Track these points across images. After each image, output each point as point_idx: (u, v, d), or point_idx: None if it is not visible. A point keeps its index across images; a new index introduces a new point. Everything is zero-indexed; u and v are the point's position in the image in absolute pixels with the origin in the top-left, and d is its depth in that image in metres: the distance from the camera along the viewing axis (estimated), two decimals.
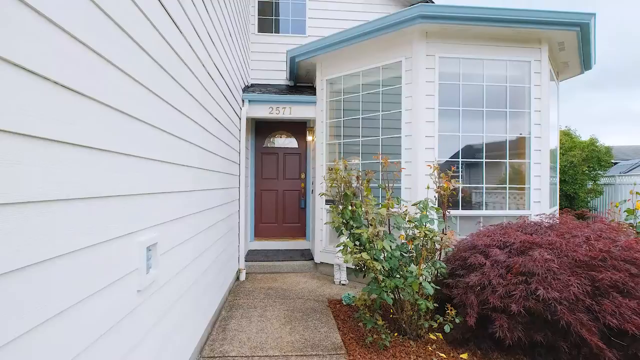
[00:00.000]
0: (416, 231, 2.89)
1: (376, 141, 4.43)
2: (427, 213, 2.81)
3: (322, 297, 3.95)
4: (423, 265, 2.56)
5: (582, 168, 10.17)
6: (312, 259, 5.17)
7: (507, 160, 4.14)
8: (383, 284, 2.62)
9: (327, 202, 4.83)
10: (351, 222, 3.06)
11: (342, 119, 4.78)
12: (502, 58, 4.11)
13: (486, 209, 4.10)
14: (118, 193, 1.31)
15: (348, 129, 4.74)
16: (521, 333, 2.38)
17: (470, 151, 4.14)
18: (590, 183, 10.54)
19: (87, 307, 1.11)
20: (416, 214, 3.12)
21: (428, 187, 2.94)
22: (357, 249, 2.63)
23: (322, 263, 4.93)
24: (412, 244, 2.63)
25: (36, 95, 0.90)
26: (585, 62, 4.81)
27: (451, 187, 2.92)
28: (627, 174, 11.32)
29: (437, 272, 2.83)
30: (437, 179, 3.09)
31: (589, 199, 10.60)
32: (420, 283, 2.50)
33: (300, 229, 6.21)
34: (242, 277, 4.60)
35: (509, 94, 4.14)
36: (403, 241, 3.04)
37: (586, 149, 10.51)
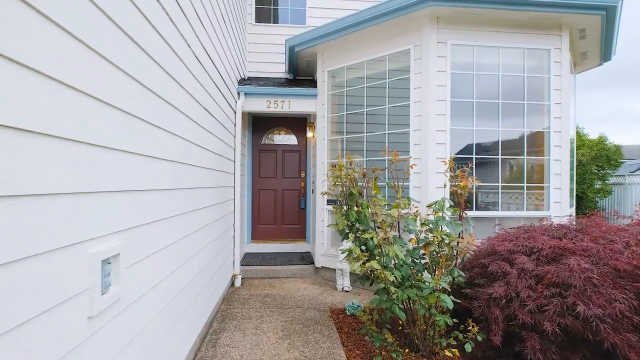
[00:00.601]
0: (430, 235, 2.57)
1: (382, 137, 4.10)
2: (443, 215, 2.48)
3: (324, 306, 3.62)
4: (440, 275, 2.23)
5: (591, 167, 9.85)
6: (313, 262, 4.84)
7: (525, 157, 3.81)
8: (394, 296, 2.29)
9: (328, 202, 4.51)
10: (357, 225, 2.73)
11: (344, 113, 4.46)
12: (520, 46, 3.78)
13: (502, 210, 3.77)
14: (57, 191, 0.98)
15: (351, 125, 4.41)
16: (555, 355, 2.05)
17: (484, 147, 3.81)
18: (599, 182, 10.22)
19: None
20: (428, 215, 2.79)
21: (445, 185, 2.62)
22: (364, 255, 2.30)
23: (323, 267, 4.60)
24: (428, 251, 2.31)
25: None
26: (605, 52, 4.48)
27: (470, 186, 2.59)
28: (635, 172, 11.01)
29: (454, 281, 2.50)
30: (452, 177, 2.77)
31: (597, 199, 10.28)
32: (439, 296, 2.18)
33: (300, 231, 5.89)
34: (238, 282, 4.27)
35: (527, 85, 3.82)
36: (414, 246, 2.71)
37: (595, 147, 10.19)
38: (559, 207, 3.78)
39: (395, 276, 2.18)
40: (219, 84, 3.40)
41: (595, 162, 10.07)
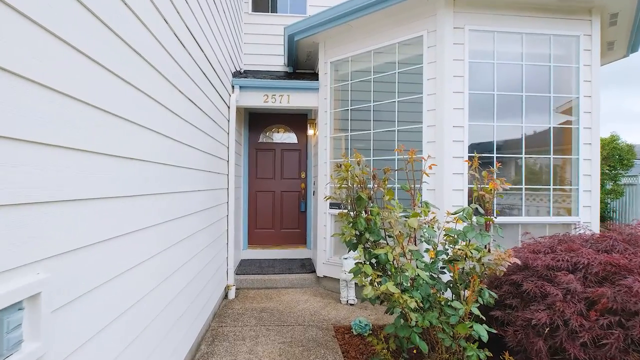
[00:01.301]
0: (453, 247, 2.17)
1: (390, 135, 3.71)
2: (472, 224, 2.09)
3: (327, 323, 3.23)
4: (472, 299, 1.84)
5: (603, 167, 9.45)
6: (314, 271, 4.45)
7: (552, 156, 3.41)
8: (413, 322, 1.90)
9: (331, 205, 4.12)
10: (367, 235, 2.34)
11: (349, 108, 4.07)
12: (545, 32, 3.39)
13: (526, 215, 3.38)
14: None
15: (357, 121, 4.02)
16: None
17: (505, 145, 3.42)
18: (610, 183, 9.83)
19: None
20: (447, 222, 2.40)
21: (476, 189, 2.22)
22: (377, 275, 1.90)
23: (325, 277, 4.21)
24: (457, 270, 1.91)
25: None
26: (635, 41, 4.08)
27: (500, 189, 2.20)
28: None
29: (484, 302, 2.11)
30: (477, 179, 2.37)
31: (608, 200, 9.89)
32: (471, 326, 1.78)
33: (300, 236, 5.49)
34: (231, 294, 3.88)
35: (553, 76, 3.42)
36: (432, 259, 2.32)
37: (607, 146, 9.79)
38: (589, 212, 3.38)
39: (416, 301, 1.79)
40: (209, 75, 3.01)
41: (607, 162, 9.68)
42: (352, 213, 2.53)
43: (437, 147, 3.29)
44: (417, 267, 1.85)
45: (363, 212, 2.51)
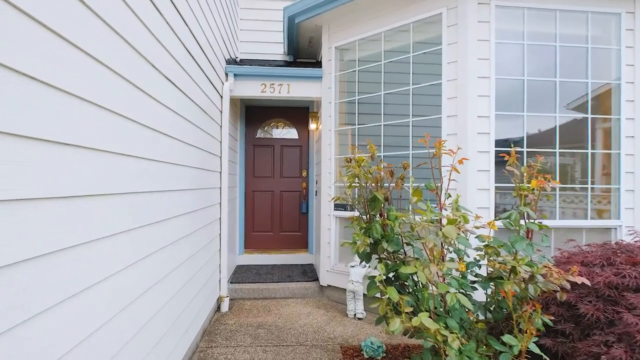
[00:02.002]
0: (493, 259, 1.75)
1: (403, 129, 3.28)
2: (520, 233, 1.67)
3: (333, 342, 2.81)
4: (530, 332, 1.41)
5: None
6: (317, 279, 4.03)
7: (589, 151, 2.99)
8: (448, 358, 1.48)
9: (337, 206, 3.70)
10: (384, 244, 1.92)
11: (356, 98, 3.64)
12: (582, 9, 2.97)
13: (560, 218, 2.95)
14: None
15: (364, 114, 3.60)
16: None
17: (535, 138, 2.99)
18: None
19: None
20: (476, 228, 1.97)
21: (517, 188, 1.79)
22: (404, 298, 1.48)
23: (329, 286, 3.79)
24: (510, 293, 1.48)
25: None
26: None
27: (548, 188, 1.78)
28: None
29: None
30: (517, 176, 1.95)
31: None
32: None
33: (301, 239, 5.07)
34: (225, 307, 3.46)
35: (591, 59, 3.00)
36: (461, 272, 1.90)
37: None
38: (632, 215, 2.96)
39: (458, 336, 1.36)
40: (197, 56, 2.59)
41: None
42: (364, 217, 2.11)
43: (460, 141, 2.86)
44: (467, 300, 1.43)
45: (378, 215, 2.10)
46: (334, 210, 3.71)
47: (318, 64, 4.18)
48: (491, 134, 2.85)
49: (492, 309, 1.77)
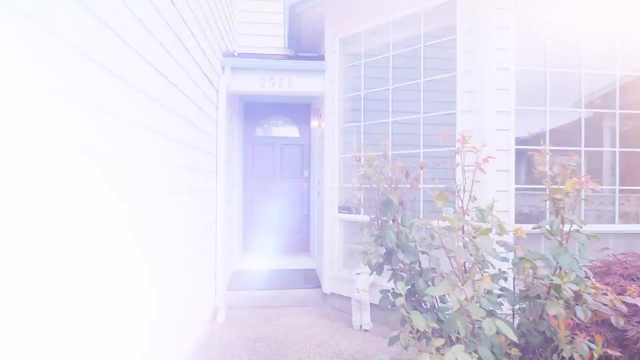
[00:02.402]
0: (528, 274, 1.51)
1: (414, 127, 3.04)
2: (560, 242, 1.43)
3: (338, 358, 2.56)
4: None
5: None
6: (319, 286, 3.79)
7: (617, 149, 2.75)
8: None
9: (341, 209, 3.45)
10: (399, 255, 1.68)
11: (362, 93, 3.40)
12: None
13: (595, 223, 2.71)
14: None
15: (371, 112, 3.36)
16: None
17: (557, 135, 2.75)
18: None
19: None
20: (498, 234, 1.72)
21: (551, 191, 1.54)
22: (431, 325, 1.23)
23: (333, 294, 3.55)
24: (563, 325, 1.23)
25: None
26: None
27: (591, 188, 1.54)
28: None
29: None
30: (550, 177, 1.71)
31: None
32: None
33: (302, 243, 4.83)
34: (221, 317, 3.21)
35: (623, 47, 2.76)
36: (485, 288, 1.66)
37: None
38: None
39: None
40: (190, 46, 2.35)
41: None
42: (376, 223, 1.88)
43: (476, 138, 2.62)
44: (506, 327, 1.19)
45: (391, 220, 1.86)
46: (339, 213, 3.47)
47: (321, 58, 3.94)
48: (511, 131, 2.61)
49: (524, 330, 1.52)
